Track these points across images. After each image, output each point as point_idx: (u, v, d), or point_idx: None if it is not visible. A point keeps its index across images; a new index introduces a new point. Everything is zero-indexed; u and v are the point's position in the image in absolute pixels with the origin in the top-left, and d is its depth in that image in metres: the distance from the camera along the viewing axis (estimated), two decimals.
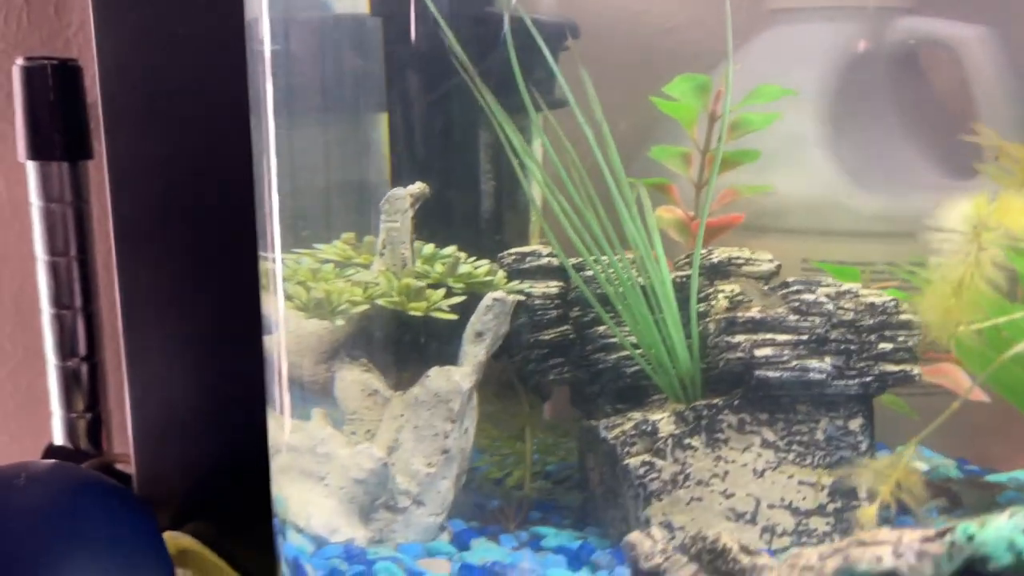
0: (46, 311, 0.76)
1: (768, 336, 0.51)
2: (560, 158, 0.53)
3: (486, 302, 0.52)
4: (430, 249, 0.57)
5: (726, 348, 0.52)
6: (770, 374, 0.51)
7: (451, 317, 0.51)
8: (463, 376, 0.51)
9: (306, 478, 0.50)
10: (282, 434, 0.53)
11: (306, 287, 0.50)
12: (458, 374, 0.51)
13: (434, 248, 0.57)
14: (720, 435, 0.52)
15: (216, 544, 0.67)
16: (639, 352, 0.54)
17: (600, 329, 0.57)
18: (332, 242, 0.57)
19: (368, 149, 0.59)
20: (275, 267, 0.51)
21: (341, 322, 0.50)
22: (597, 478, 0.57)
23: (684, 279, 0.55)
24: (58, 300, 0.76)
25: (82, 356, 0.77)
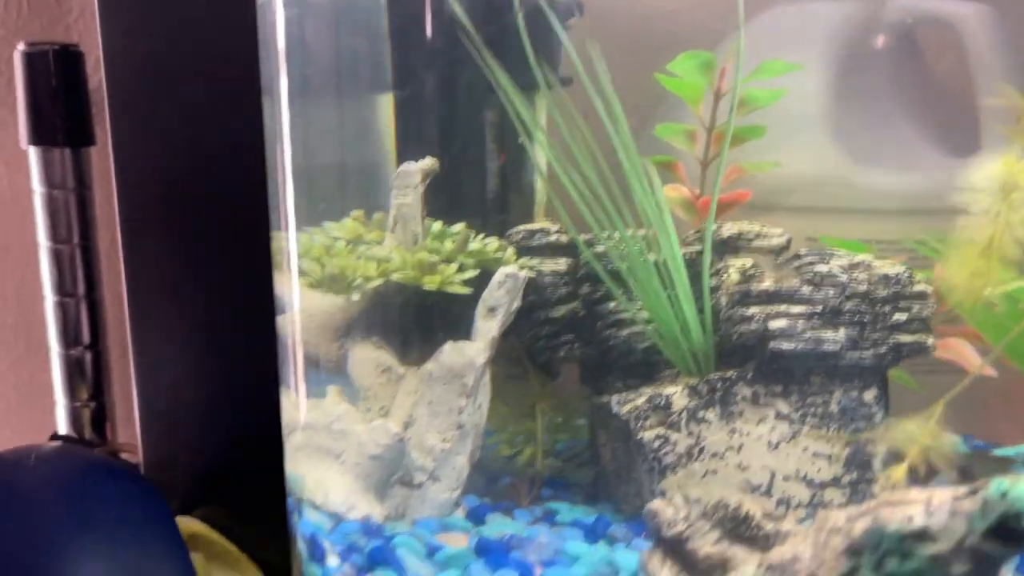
0: (49, 299, 0.76)
1: (782, 308, 0.51)
2: (568, 134, 0.53)
3: (498, 277, 0.52)
4: (438, 227, 0.57)
5: (740, 320, 0.52)
6: (784, 346, 0.51)
7: (464, 291, 0.51)
8: (477, 351, 0.51)
9: (322, 455, 0.50)
10: (297, 413, 0.53)
11: (321, 263, 0.50)
12: (472, 349, 0.51)
13: (443, 225, 0.57)
14: (734, 408, 0.52)
15: (224, 529, 0.67)
16: (651, 327, 0.54)
17: (611, 305, 0.57)
18: (341, 220, 0.56)
19: (377, 128, 0.59)
20: (289, 245, 0.51)
21: (356, 296, 0.49)
22: (609, 454, 0.57)
23: (693, 255, 0.55)
24: (61, 288, 0.76)
25: (86, 344, 0.77)
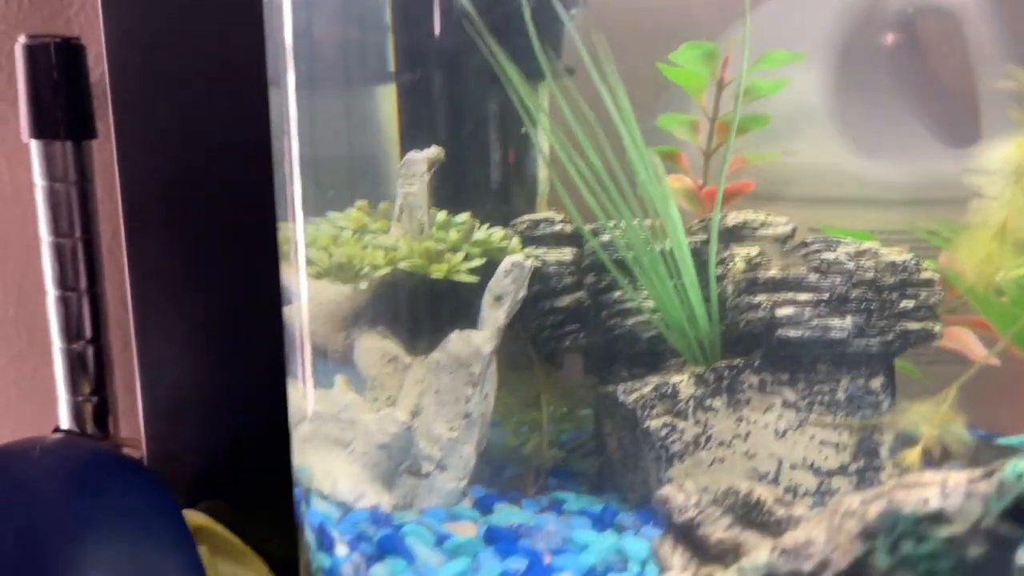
0: (51, 293, 0.76)
1: (789, 295, 0.51)
2: (575, 122, 0.53)
3: (505, 266, 0.51)
4: (443, 216, 0.57)
5: (747, 308, 0.52)
6: (791, 333, 0.51)
7: (471, 280, 0.51)
8: (483, 340, 0.51)
9: (330, 445, 0.50)
10: (304, 403, 0.52)
11: (328, 252, 0.50)
12: (478, 338, 0.51)
13: (447, 215, 0.57)
14: (741, 396, 0.52)
15: (228, 522, 0.67)
16: (657, 316, 0.54)
17: (616, 294, 0.57)
18: (346, 210, 0.56)
19: (380, 119, 0.59)
20: (296, 235, 0.51)
21: (364, 285, 0.49)
22: (615, 443, 0.57)
23: (697, 244, 0.55)
24: (63, 282, 0.75)
25: (88, 338, 0.76)
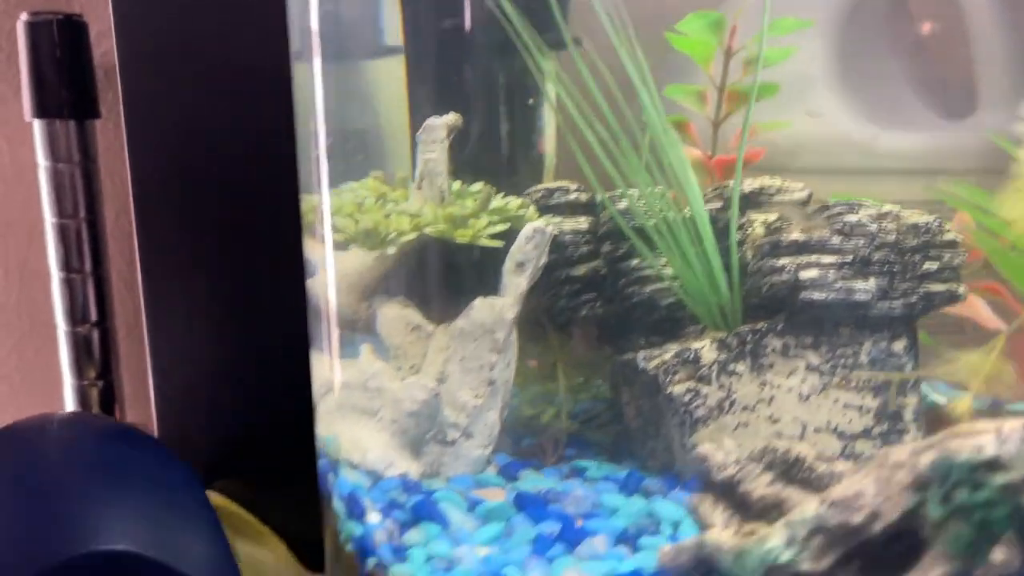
0: (55, 275, 0.75)
1: (813, 258, 0.51)
2: (595, 88, 0.52)
3: (526, 232, 0.51)
4: (457, 186, 0.56)
5: (770, 271, 0.51)
6: (815, 296, 0.51)
7: (496, 245, 0.51)
8: (507, 306, 0.50)
9: (358, 414, 0.49)
10: (329, 375, 0.52)
11: (354, 219, 0.49)
12: (502, 304, 0.50)
13: (461, 184, 0.56)
14: (765, 360, 0.52)
15: (243, 502, 0.66)
16: (677, 282, 0.54)
17: (633, 262, 0.56)
18: (362, 181, 0.56)
19: (398, 90, 0.58)
20: (321, 205, 0.50)
21: (392, 250, 0.49)
22: (633, 411, 0.56)
23: (712, 212, 0.55)
24: (67, 264, 0.74)
25: (93, 322, 0.75)
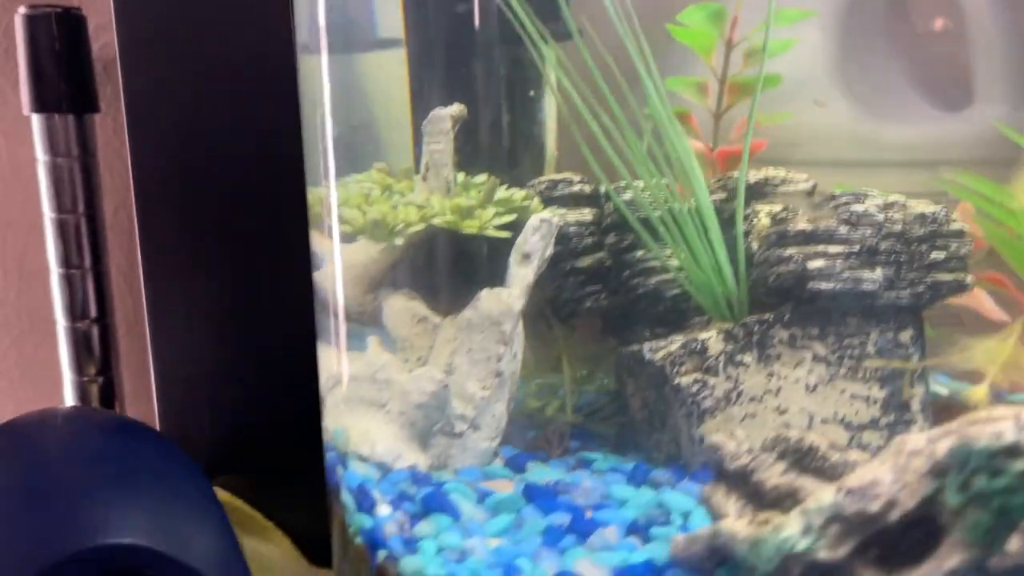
0: (54, 271, 0.74)
1: (820, 248, 0.51)
2: (599, 79, 0.52)
3: (532, 223, 0.51)
4: (462, 177, 0.56)
5: (777, 262, 0.51)
6: (823, 286, 0.50)
7: (504, 236, 0.50)
8: (513, 298, 0.50)
9: (367, 406, 0.49)
10: (336, 367, 0.52)
11: (362, 210, 0.49)
12: (509, 296, 0.50)
13: (465, 176, 0.56)
14: (772, 351, 0.52)
15: (246, 497, 0.66)
16: (683, 274, 0.54)
17: (638, 253, 0.56)
18: (365, 173, 0.56)
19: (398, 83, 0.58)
20: (329, 197, 0.50)
21: (400, 241, 0.49)
22: (639, 403, 0.56)
23: (717, 203, 0.55)
24: (66, 259, 0.74)
25: (93, 317, 0.75)
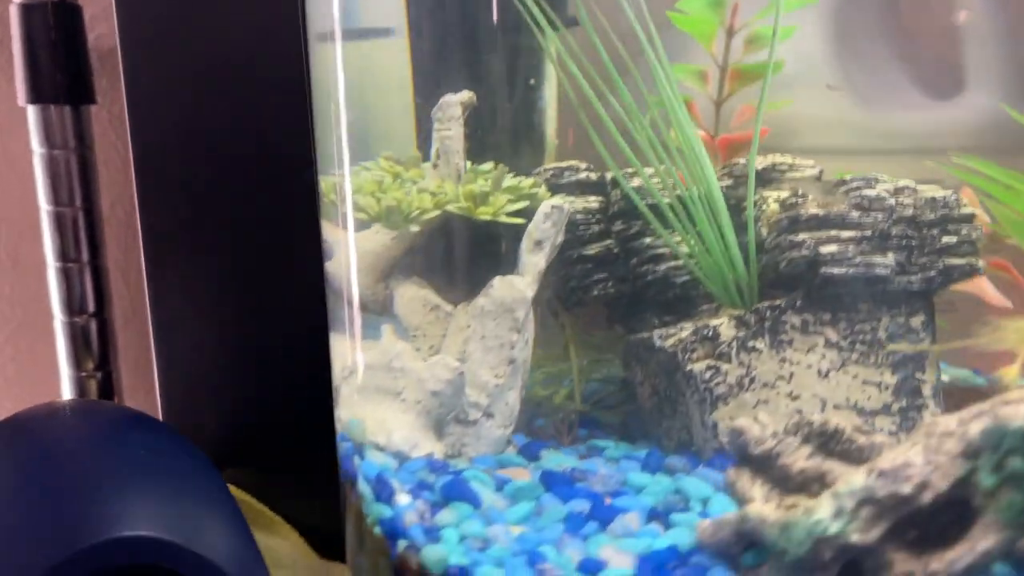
0: (51, 265, 0.73)
1: (832, 233, 0.51)
2: (599, 68, 0.52)
3: (544, 210, 0.51)
4: (468, 165, 0.55)
5: (789, 247, 0.51)
6: (836, 271, 0.50)
7: (518, 222, 0.50)
8: (526, 285, 0.50)
9: (382, 395, 0.49)
10: (349, 357, 0.51)
11: (376, 197, 0.49)
12: (521, 283, 0.50)
13: (472, 164, 0.56)
14: (784, 337, 0.52)
15: (253, 491, 0.66)
16: (692, 260, 0.54)
17: (647, 241, 0.56)
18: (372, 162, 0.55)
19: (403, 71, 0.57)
20: (343, 185, 0.50)
21: (416, 228, 0.48)
22: (647, 391, 0.56)
23: (724, 190, 0.54)
24: (64, 253, 0.73)
25: (90, 312, 0.74)
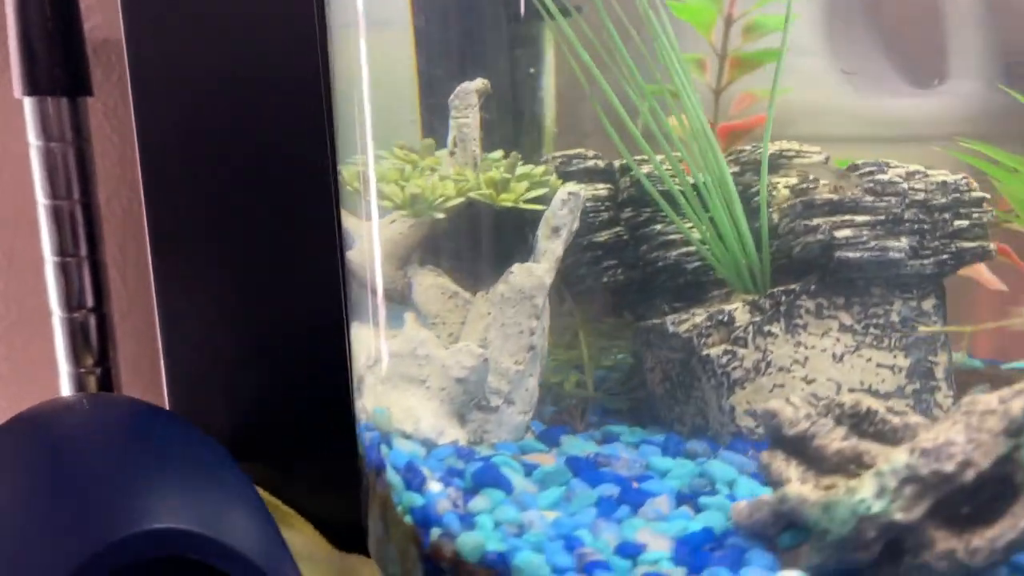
0: (49, 260, 0.73)
1: (847, 217, 0.51)
2: (611, 53, 0.52)
3: (561, 196, 0.51)
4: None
5: (804, 232, 0.52)
6: (851, 255, 0.51)
7: (539, 209, 0.50)
8: (545, 271, 0.50)
9: (407, 383, 0.48)
10: (372, 346, 0.51)
11: (400, 185, 0.48)
12: (540, 270, 0.50)
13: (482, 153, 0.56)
14: (799, 321, 0.52)
15: (263, 485, 0.65)
16: (705, 246, 0.54)
17: (657, 227, 0.56)
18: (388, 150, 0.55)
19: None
20: (366, 173, 0.49)
21: (441, 215, 0.48)
22: (658, 377, 0.56)
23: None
24: (61, 248, 0.72)
25: (89, 307, 0.73)
